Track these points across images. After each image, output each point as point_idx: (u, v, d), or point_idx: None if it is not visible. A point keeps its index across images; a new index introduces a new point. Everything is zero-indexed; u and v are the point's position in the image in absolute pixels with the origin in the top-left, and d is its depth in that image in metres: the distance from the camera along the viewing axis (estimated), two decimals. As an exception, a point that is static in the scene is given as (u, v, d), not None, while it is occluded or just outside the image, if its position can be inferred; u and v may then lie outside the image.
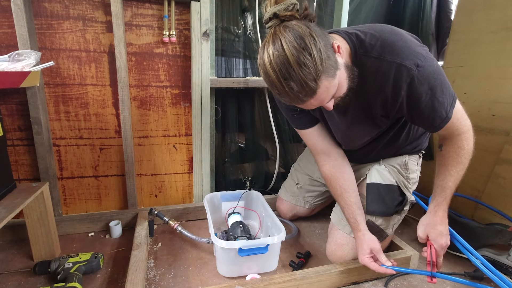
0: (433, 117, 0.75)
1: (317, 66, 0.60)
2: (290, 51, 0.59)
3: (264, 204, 1.14)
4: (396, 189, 0.94)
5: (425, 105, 0.74)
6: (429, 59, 0.71)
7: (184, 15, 1.10)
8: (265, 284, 0.82)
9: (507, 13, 1.15)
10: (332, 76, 0.64)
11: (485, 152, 1.22)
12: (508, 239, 0.94)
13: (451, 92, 0.76)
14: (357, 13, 1.48)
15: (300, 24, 0.61)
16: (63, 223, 1.13)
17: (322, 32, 0.65)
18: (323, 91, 0.64)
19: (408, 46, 0.71)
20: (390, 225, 0.96)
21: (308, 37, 0.60)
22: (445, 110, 0.75)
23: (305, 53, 0.59)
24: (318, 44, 0.60)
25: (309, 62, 0.59)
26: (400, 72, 0.70)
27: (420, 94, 0.72)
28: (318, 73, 0.61)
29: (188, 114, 1.21)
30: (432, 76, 0.71)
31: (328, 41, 0.65)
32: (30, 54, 0.85)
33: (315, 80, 0.61)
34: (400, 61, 0.70)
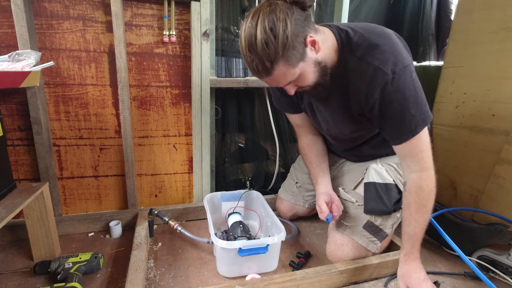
0: (400, 128, 0.74)
1: (277, 51, 0.65)
2: (260, 29, 0.64)
3: (264, 204, 1.14)
4: (394, 188, 0.95)
5: (395, 113, 0.73)
6: (408, 69, 0.71)
7: (184, 15, 1.10)
8: (265, 284, 0.82)
9: (507, 13, 1.15)
10: (292, 65, 0.68)
11: (485, 152, 1.22)
12: (508, 239, 0.94)
13: (426, 111, 0.74)
14: (357, 13, 1.49)
15: (283, 7, 0.65)
16: (63, 223, 1.13)
17: (303, 24, 0.68)
18: (279, 74, 0.69)
19: (392, 51, 0.72)
20: (389, 225, 0.96)
21: (281, 22, 0.64)
22: (414, 124, 0.73)
23: (271, 36, 0.64)
24: (287, 32, 0.64)
25: (271, 44, 0.64)
26: (376, 75, 0.72)
27: (392, 101, 0.72)
28: (277, 57, 0.66)
29: (188, 114, 1.21)
30: (407, 87, 0.71)
31: (303, 33, 0.67)
32: (30, 54, 0.85)
33: (271, 62, 0.66)
34: (378, 64, 0.71)
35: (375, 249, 0.94)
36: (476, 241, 0.99)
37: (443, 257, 1.07)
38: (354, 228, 0.95)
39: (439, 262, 1.05)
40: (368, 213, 0.94)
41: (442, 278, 0.96)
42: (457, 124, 1.35)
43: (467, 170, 1.30)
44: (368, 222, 0.94)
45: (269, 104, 1.36)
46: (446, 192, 1.41)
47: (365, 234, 0.94)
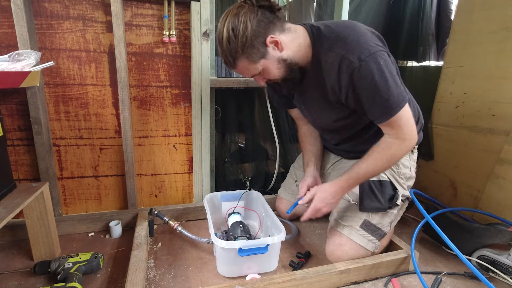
0: (376, 111, 0.79)
1: (237, 49, 0.77)
2: (226, 29, 0.76)
3: (264, 204, 1.14)
4: (388, 184, 0.96)
5: (368, 98, 0.78)
6: (376, 55, 0.75)
7: (184, 15, 1.10)
8: (265, 284, 0.82)
9: (507, 13, 1.15)
10: (253, 61, 0.80)
11: (485, 152, 1.22)
12: (508, 239, 0.94)
13: (399, 93, 0.77)
14: (357, 13, 1.48)
15: (247, 10, 0.75)
16: (63, 223, 1.13)
17: (267, 25, 0.77)
18: (242, 68, 0.82)
19: (357, 41, 0.77)
20: (387, 223, 0.96)
21: (242, 24, 0.74)
22: (388, 107, 0.77)
23: (233, 35, 0.75)
24: (247, 33, 0.75)
25: (232, 43, 0.76)
26: (343, 63, 0.77)
27: (362, 87, 0.77)
28: (237, 54, 0.78)
29: (188, 114, 1.21)
30: (375, 73, 0.75)
31: (264, 34, 0.77)
32: (30, 54, 0.85)
33: (233, 57, 0.79)
34: (344, 53, 0.77)
35: (374, 248, 0.95)
36: (476, 241, 0.99)
37: (443, 257, 1.07)
38: (352, 227, 0.95)
39: (439, 262, 1.05)
40: (363, 211, 0.95)
41: (442, 278, 0.96)
42: (457, 124, 1.35)
43: (467, 170, 1.30)
44: (365, 221, 0.95)
45: (269, 104, 1.36)
46: (446, 192, 1.41)
47: (363, 234, 0.94)
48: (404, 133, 0.81)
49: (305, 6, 1.62)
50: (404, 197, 0.98)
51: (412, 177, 1.01)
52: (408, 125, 0.80)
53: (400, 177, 0.98)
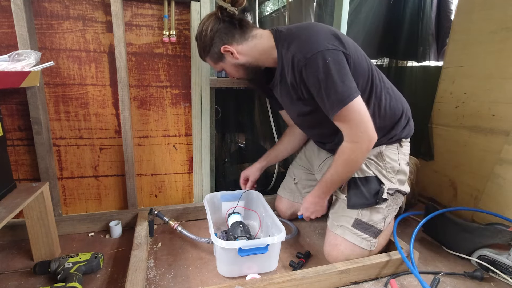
0: (325, 105, 0.84)
1: (201, 50, 0.94)
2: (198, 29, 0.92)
3: (264, 204, 1.14)
4: (373, 179, 0.96)
5: (316, 93, 0.84)
6: (323, 53, 0.79)
7: (184, 15, 1.10)
8: (265, 284, 0.82)
9: (507, 13, 1.15)
10: (214, 62, 0.95)
11: (485, 152, 1.22)
12: (508, 239, 0.94)
13: (344, 90, 0.80)
14: (357, 13, 1.48)
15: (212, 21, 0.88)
16: (63, 223, 1.13)
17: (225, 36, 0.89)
18: (209, 63, 0.98)
19: (308, 40, 0.83)
20: (379, 220, 0.96)
21: (205, 31, 0.89)
22: (331, 103, 0.81)
23: (200, 38, 0.92)
24: (207, 40, 0.90)
25: (200, 42, 0.93)
26: (293, 62, 0.84)
27: (310, 83, 0.83)
28: (203, 53, 0.95)
29: (188, 114, 1.21)
30: (321, 70, 0.79)
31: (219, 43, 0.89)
32: (30, 54, 0.85)
33: (201, 54, 0.96)
34: (294, 53, 0.84)
35: (370, 246, 0.95)
36: (476, 241, 0.99)
37: (443, 257, 1.07)
38: (345, 227, 0.96)
39: (439, 262, 1.05)
40: (351, 208, 0.96)
41: (442, 278, 0.96)
42: (457, 124, 1.35)
43: (467, 170, 1.30)
44: (356, 220, 0.95)
45: (269, 104, 1.36)
46: (446, 192, 1.41)
47: (355, 232, 0.94)
48: (354, 134, 0.84)
49: (305, 6, 1.62)
50: (393, 190, 0.97)
51: (402, 171, 1.00)
52: (357, 125, 0.83)
53: (388, 171, 0.98)
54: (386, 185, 0.95)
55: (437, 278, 0.92)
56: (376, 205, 0.95)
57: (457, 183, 1.35)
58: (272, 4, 1.78)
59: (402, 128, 1.00)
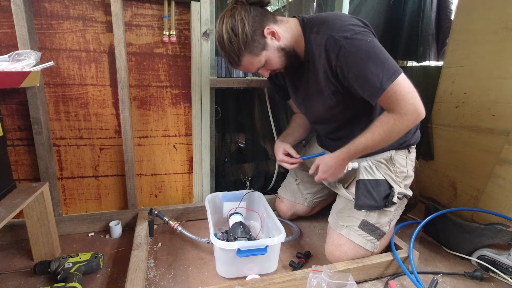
0: (367, 86, 0.79)
1: (240, 46, 0.82)
2: (224, 31, 0.82)
3: (265, 205, 1.14)
4: (384, 183, 0.96)
5: (358, 74, 0.79)
6: (361, 34, 0.78)
7: (184, 15, 1.10)
8: (265, 284, 0.82)
9: (507, 13, 1.15)
10: (256, 55, 0.85)
11: (485, 152, 1.22)
12: (508, 239, 0.94)
13: (390, 67, 0.77)
14: (357, 13, 1.48)
15: (241, 10, 0.81)
16: (63, 223, 1.13)
17: (261, 19, 0.83)
18: (247, 63, 0.87)
19: (341, 23, 0.81)
20: (385, 223, 0.96)
21: (239, 22, 0.80)
22: (379, 81, 0.77)
23: (233, 35, 0.81)
24: (246, 30, 0.80)
25: (234, 42, 0.82)
26: (329, 42, 0.81)
27: (350, 64, 0.79)
28: (241, 51, 0.83)
29: (188, 114, 1.21)
30: (362, 49, 0.77)
31: (260, 27, 0.83)
32: (30, 54, 0.85)
33: (237, 55, 0.84)
34: (330, 33, 0.81)
35: (373, 248, 0.95)
36: (476, 241, 0.99)
37: (443, 257, 1.07)
38: (350, 228, 0.95)
39: (439, 262, 1.05)
40: (359, 209, 0.96)
41: (442, 279, 0.96)
42: (457, 124, 1.35)
43: (467, 170, 1.30)
44: (364, 221, 0.95)
45: (269, 104, 1.36)
46: (446, 192, 1.41)
47: (361, 234, 0.94)
48: (402, 107, 0.79)
49: (305, 6, 1.62)
50: (401, 195, 0.98)
51: (410, 176, 1.01)
52: (407, 98, 0.78)
53: (397, 175, 0.98)
54: (396, 189, 0.95)
55: (436, 280, 0.92)
56: (385, 207, 0.95)
57: (457, 183, 1.35)
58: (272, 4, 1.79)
59: (412, 134, 1.00)
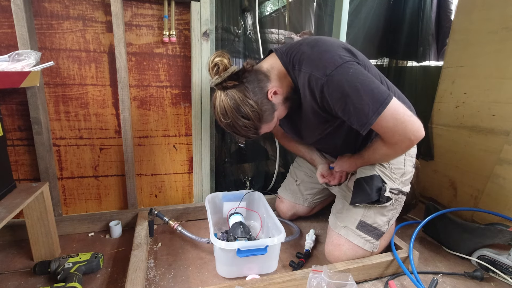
0: (354, 120, 0.79)
1: (256, 124, 0.82)
2: (234, 119, 0.80)
3: (265, 205, 1.14)
4: (377, 177, 0.96)
5: (343, 109, 0.78)
6: (342, 67, 0.75)
7: (184, 15, 1.10)
8: (265, 284, 0.82)
9: (507, 13, 1.15)
10: (271, 120, 0.86)
11: (485, 152, 1.22)
12: (508, 239, 0.94)
13: (377, 97, 0.75)
14: (357, 13, 1.49)
15: (238, 92, 0.78)
16: (63, 223, 1.13)
17: (259, 86, 0.81)
18: (264, 130, 0.87)
19: (321, 58, 0.78)
20: (383, 222, 0.96)
21: (244, 105, 0.78)
22: (365, 115, 0.76)
23: (245, 120, 0.80)
24: (254, 108, 0.79)
25: (250, 125, 0.82)
26: (311, 81, 0.79)
27: (334, 100, 0.78)
28: (257, 127, 0.84)
29: (188, 114, 1.21)
30: (344, 84, 0.75)
31: (263, 94, 0.81)
32: (30, 54, 0.85)
33: (256, 133, 0.85)
34: (310, 72, 0.79)
35: (372, 248, 0.95)
36: (476, 241, 0.99)
37: (443, 257, 1.07)
38: (348, 228, 0.96)
39: (439, 262, 1.05)
40: (353, 205, 0.97)
41: (442, 279, 0.96)
42: (457, 124, 1.35)
43: (467, 170, 1.30)
44: (361, 222, 0.95)
45: None
46: (446, 192, 1.41)
47: (359, 234, 0.94)
48: (391, 137, 0.81)
49: (305, 6, 1.62)
50: (396, 190, 0.97)
51: (408, 172, 1.00)
52: (396, 129, 0.78)
53: (392, 172, 0.97)
54: (388, 185, 0.95)
55: (436, 280, 0.92)
56: (378, 203, 0.93)
57: (457, 183, 1.35)
58: (272, 4, 1.79)
59: None
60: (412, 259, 0.94)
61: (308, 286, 0.81)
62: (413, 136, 0.80)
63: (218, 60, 0.78)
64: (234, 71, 0.78)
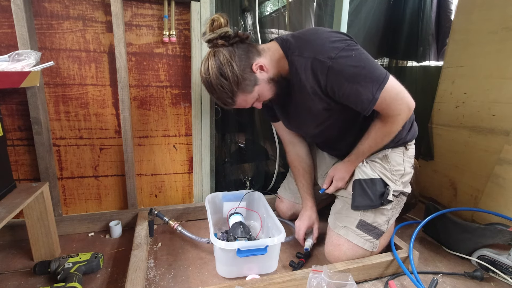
0: (360, 100, 0.81)
1: (233, 88, 0.83)
2: (213, 76, 0.81)
3: (265, 205, 1.14)
4: (379, 181, 0.96)
5: (349, 91, 0.81)
6: (344, 50, 0.79)
7: (184, 15, 1.10)
8: (265, 284, 0.82)
9: (507, 13, 1.15)
10: (249, 92, 0.86)
11: (485, 152, 1.22)
12: (508, 239, 0.94)
13: (378, 75, 0.80)
14: (357, 13, 1.48)
15: (225, 52, 0.81)
16: (63, 223, 1.13)
17: (247, 56, 0.83)
18: (241, 102, 0.88)
19: (323, 43, 0.81)
20: (383, 222, 0.96)
21: (226, 65, 0.80)
22: (371, 93, 0.80)
23: (223, 79, 0.81)
24: (235, 71, 0.80)
25: (226, 86, 0.82)
26: (315, 64, 0.81)
27: (341, 83, 0.80)
28: (234, 93, 0.84)
29: (188, 114, 1.21)
30: (349, 65, 0.78)
31: (248, 64, 0.83)
32: (30, 54, 0.85)
33: (231, 98, 0.85)
34: (314, 56, 0.81)
35: (372, 247, 0.95)
36: (476, 241, 0.99)
37: (443, 257, 1.07)
38: (348, 228, 0.96)
39: (439, 262, 1.05)
40: (355, 209, 0.96)
41: (442, 279, 0.96)
42: (457, 124, 1.35)
43: (467, 170, 1.30)
44: (361, 221, 0.95)
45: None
46: (446, 192, 1.41)
47: (359, 234, 0.94)
48: (394, 108, 0.84)
49: (305, 6, 1.62)
50: (398, 192, 0.98)
51: (408, 173, 1.01)
52: (397, 98, 0.83)
53: (393, 173, 0.98)
54: (391, 187, 0.96)
55: (436, 280, 0.92)
56: (381, 206, 0.95)
57: (457, 183, 1.35)
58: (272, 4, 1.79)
59: (407, 132, 1.00)
60: (412, 259, 0.94)
61: (308, 286, 0.81)
62: (410, 104, 0.85)
63: (216, 17, 0.81)
64: (227, 32, 0.81)
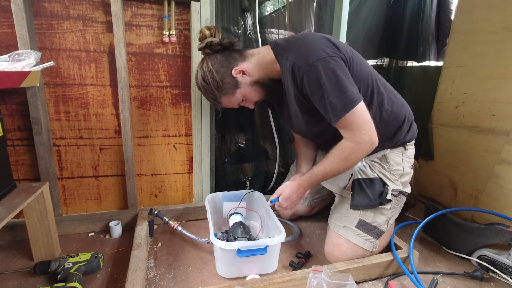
0: (326, 113, 0.83)
1: (214, 91, 0.92)
2: (200, 80, 0.94)
3: (265, 205, 1.14)
4: (378, 181, 0.97)
5: (318, 101, 0.83)
6: (323, 60, 0.79)
7: (184, 15, 1.10)
8: (265, 284, 0.82)
9: (507, 13, 1.15)
10: (231, 94, 0.93)
11: (485, 152, 1.22)
12: (508, 239, 0.94)
13: (348, 96, 0.79)
14: (357, 13, 1.48)
15: (208, 60, 0.91)
16: (63, 223, 1.13)
17: (228, 62, 0.91)
18: (226, 103, 0.97)
19: (308, 48, 0.83)
20: (382, 221, 0.96)
21: (208, 72, 0.90)
22: (336, 111, 0.80)
23: (205, 84, 0.92)
24: (214, 76, 0.90)
25: (209, 89, 0.93)
26: (294, 69, 0.84)
27: (312, 91, 0.82)
28: (216, 95, 0.93)
29: (188, 114, 1.21)
30: (323, 76, 0.79)
31: (228, 70, 0.90)
32: (30, 54, 0.85)
33: (215, 99, 0.95)
34: (294, 60, 0.83)
35: (372, 247, 0.95)
36: (476, 241, 0.99)
37: (443, 257, 1.07)
38: (348, 228, 0.96)
39: (439, 262, 1.05)
40: (355, 208, 0.97)
41: (442, 279, 0.96)
42: (457, 124, 1.35)
43: (467, 170, 1.30)
44: (360, 221, 0.95)
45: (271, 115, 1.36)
46: (446, 192, 1.41)
47: (359, 233, 0.94)
48: (357, 136, 0.83)
49: (305, 6, 1.62)
50: (397, 191, 0.98)
51: (407, 173, 1.01)
52: (362, 128, 0.82)
53: (392, 173, 0.98)
54: (390, 186, 0.96)
55: (436, 280, 0.92)
56: (380, 205, 0.95)
57: (457, 183, 1.35)
58: (272, 4, 1.79)
59: (406, 133, 1.00)
60: (412, 259, 0.94)
61: (308, 286, 0.81)
62: (374, 140, 0.84)
63: (202, 29, 0.92)
64: (212, 41, 0.90)
